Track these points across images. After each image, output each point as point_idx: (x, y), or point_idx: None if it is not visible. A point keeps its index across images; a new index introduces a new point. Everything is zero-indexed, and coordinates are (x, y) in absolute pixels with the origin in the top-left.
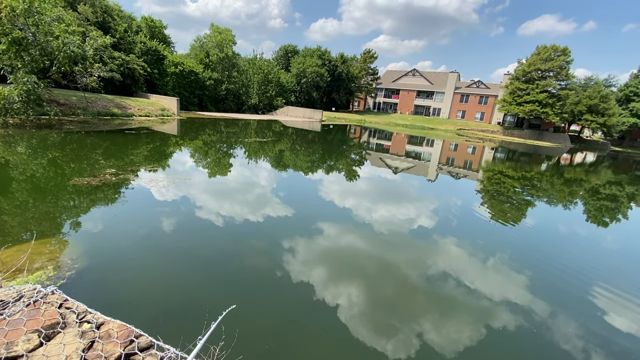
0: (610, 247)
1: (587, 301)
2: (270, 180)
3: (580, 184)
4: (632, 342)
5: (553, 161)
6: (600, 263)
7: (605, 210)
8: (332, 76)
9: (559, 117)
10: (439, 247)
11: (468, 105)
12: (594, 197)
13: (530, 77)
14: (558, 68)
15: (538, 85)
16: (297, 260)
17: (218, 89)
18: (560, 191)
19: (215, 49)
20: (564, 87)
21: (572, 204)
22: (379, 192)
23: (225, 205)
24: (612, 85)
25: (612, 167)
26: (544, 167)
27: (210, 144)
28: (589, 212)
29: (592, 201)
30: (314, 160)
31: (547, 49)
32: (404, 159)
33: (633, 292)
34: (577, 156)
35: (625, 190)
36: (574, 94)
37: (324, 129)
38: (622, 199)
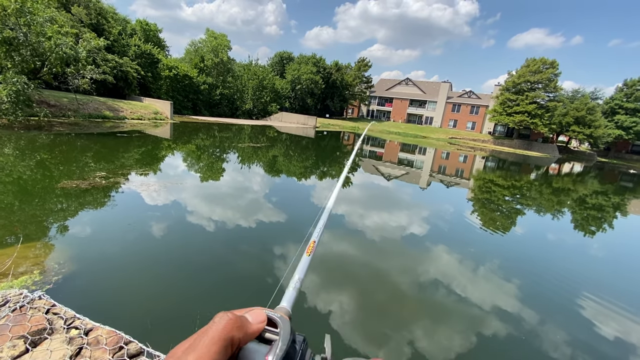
0: (596, 255)
1: (574, 309)
2: (263, 186)
3: (567, 194)
4: (617, 348)
5: (542, 171)
6: (586, 271)
7: (591, 219)
8: (327, 83)
9: (548, 128)
10: (430, 255)
11: (460, 115)
12: (581, 206)
13: (520, 88)
14: (547, 80)
15: (527, 96)
16: (288, 265)
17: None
18: (549, 200)
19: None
20: (552, 99)
21: (560, 213)
22: (371, 199)
23: (217, 210)
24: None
25: (599, 177)
26: (533, 177)
27: (204, 148)
28: (576, 221)
29: (579, 210)
30: (308, 166)
31: (536, 61)
32: (396, 167)
33: (617, 300)
34: (565, 166)
35: (611, 200)
36: (562, 105)
37: (318, 135)
38: (608, 208)
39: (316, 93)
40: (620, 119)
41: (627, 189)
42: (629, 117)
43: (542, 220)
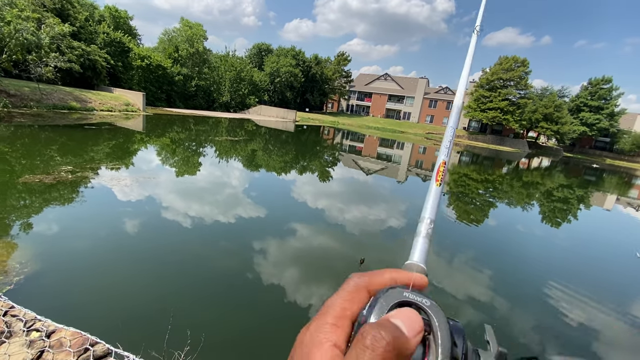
0: (562, 245)
1: (542, 296)
2: (242, 180)
3: (536, 187)
4: (583, 333)
5: (513, 165)
6: (553, 259)
7: (558, 211)
8: (306, 77)
9: (519, 124)
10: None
11: (436, 110)
12: (548, 199)
13: (493, 85)
14: (518, 78)
15: (500, 93)
16: (269, 262)
17: (187, 85)
18: (519, 193)
19: (185, 43)
20: (523, 96)
21: (529, 206)
22: (351, 193)
23: (193, 205)
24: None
25: (564, 171)
26: (504, 171)
27: (179, 141)
28: (544, 213)
29: (546, 203)
30: (288, 160)
31: (509, 59)
32: (375, 161)
33: (581, 286)
34: (534, 161)
35: (576, 193)
36: (532, 102)
37: (298, 129)
38: (573, 201)
39: (296, 86)
40: (584, 116)
41: (590, 182)
42: (593, 115)
43: (513, 212)
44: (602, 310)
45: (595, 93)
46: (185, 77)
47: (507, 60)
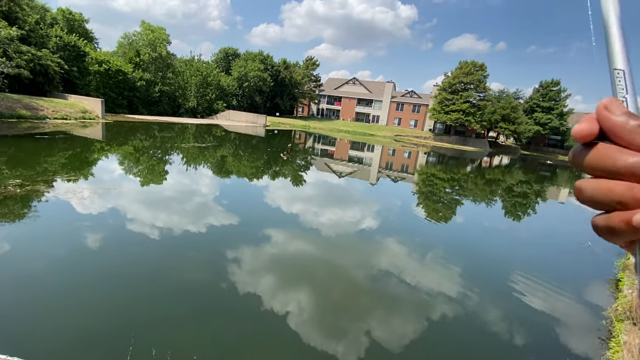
0: (523, 238)
1: (508, 287)
2: (212, 188)
3: (498, 184)
4: (546, 319)
5: (476, 164)
6: (517, 252)
7: (518, 205)
8: (275, 81)
9: (480, 125)
10: (382, 247)
11: (403, 113)
12: (509, 194)
13: (455, 88)
14: (477, 81)
15: (462, 96)
16: (242, 271)
17: (151, 91)
18: (483, 190)
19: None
20: (482, 99)
21: (492, 202)
22: (325, 196)
23: (160, 216)
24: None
25: (522, 168)
26: (469, 169)
27: (142, 149)
28: (506, 208)
29: (508, 198)
30: (259, 166)
31: (468, 64)
32: (347, 164)
33: (543, 276)
34: (495, 159)
35: (533, 188)
36: (491, 104)
37: (269, 134)
38: (531, 195)
39: (265, 91)
40: (537, 116)
41: (546, 177)
42: (545, 115)
43: (478, 209)
44: (562, 296)
45: (546, 95)
46: (148, 83)
47: (466, 64)
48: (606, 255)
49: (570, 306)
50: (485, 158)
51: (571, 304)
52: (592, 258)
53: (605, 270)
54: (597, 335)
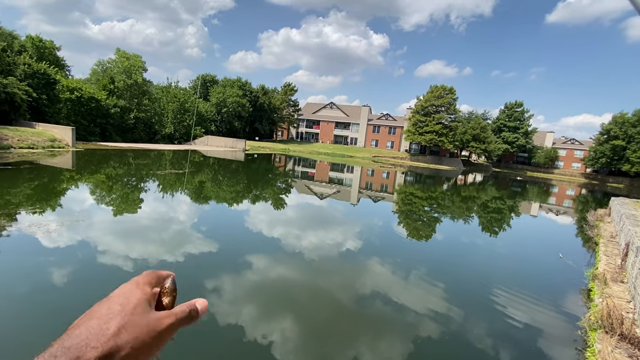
0: (500, 252)
1: (489, 302)
2: (190, 215)
3: (474, 201)
4: (527, 332)
5: (451, 182)
6: (495, 266)
7: (494, 221)
8: (254, 106)
9: (452, 145)
10: (365, 269)
11: (380, 135)
12: (485, 211)
13: (427, 111)
14: (448, 104)
15: (434, 117)
16: (224, 301)
17: (125, 117)
18: (460, 207)
19: (122, 74)
20: (453, 120)
21: (469, 218)
22: (306, 218)
23: (135, 246)
24: (487, 118)
25: (495, 185)
26: (445, 187)
27: (116, 178)
28: (482, 224)
29: (484, 214)
30: (239, 190)
31: (438, 88)
32: (328, 185)
33: (521, 289)
34: (469, 177)
35: (507, 203)
36: (462, 125)
37: (248, 158)
38: (505, 211)
39: (244, 116)
40: (505, 135)
41: (517, 193)
42: (512, 134)
43: (456, 225)
44: (540, 308)
45: (511, 115)
46: (123, 109)
47: (437, 88)
48: (577, 266)
49: (548, 318)
50: (460, 176)
51: (549, 316)
52: (564, 269)
53: (577, 281)
54: (574, 345)
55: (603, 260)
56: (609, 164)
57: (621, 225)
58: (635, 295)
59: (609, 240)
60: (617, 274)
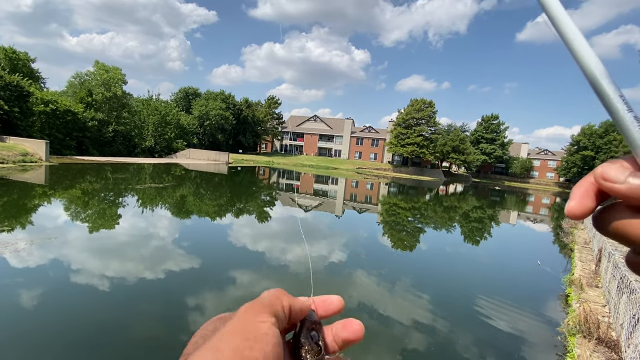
0: (482, 261)
1: (473, 311)
2: (172, 230)
3: (455, 211)
4: (510, 339)
5: (434, 192)
6: (478, 275)
7: (475, 230)
8: (238, 119)
9: (433, 156)
10: (351, 281)
11: (363, 147)
12: (466, 220)
13: (409, 123)
14: (428, 117)
15: (415, 130)
16: (205, 318)
17: (103, 131)
18: (442, 217)
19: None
20: (433, 132)
21: (452, 228)
22: (291, 231)
23: (112, 264)
24: (466, 130)
25: (475, 195)
26: (427, 198)
27: (92, 193)
28: (465, 233)
29: (465, 224)
30: (222, 204)
31: (418, 101)
32: (313, 197)
33: (503, 297)
34: (450, 187)
35: (487, 213)
36: (442, 137)
37: (232, 171)
38: (486, 220)
39: (227, 129)
40: (483, 146)
41: (496, 202)
42: (489, 145)
43: (439, 235)
44: (522, 315)
45: (488, 127)
46: (101, 123)
47: (417, 102)
48: (554, 272)
49: (530, 324)
50: (441, 187)
51: (530, 322)
52: (543, 276)
53: (555, 287)
54: (555, 351)
55: (578, 266)
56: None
57: (593, 232)
58: (609, 300)
59: (583, 247)
60: (592, 279)
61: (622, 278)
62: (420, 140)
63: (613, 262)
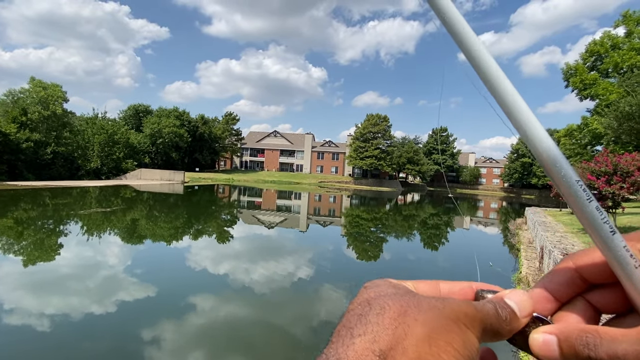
0: (442, 265)
1: None
2: (122, 257)
3: (414, 219)
4: None
5: (393, 202)
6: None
7: (433, 236)
8: (194, 137)
9: (390, 168)
10: (319, 297)
11: (324, 161)
12: (424, 227)
13: (366, 137)
14: (383, 130)
15: (372, 143)
16: (164, 352)
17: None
18: (402, 226)
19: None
20: (389, 145)
21: (412, 235)
22: (255, 250)
23: (52, 300)
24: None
25: (431, 202)
26: (387, 208)
27: (27, 221)
28: (424, 240)
29: (424, 231)
30: (178, 226)
31: (374, 116)
32: (276, 213)
33: None
34: (408, 197)
35: (442, 219)
36: (397, 149)
37: (188, 190)
38: (442, 226)
39: (182, 147)
40: (435, 157)
41: (450, 209)
42: (440, 156)
43: (401, 243)
44: None
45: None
46: (38, 144)
47: (373, 117)
48: (505, 272)
49: None
50: (400, 196)
51: None
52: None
53: (506, 286)
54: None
55: (525, 264)
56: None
57: (536, 232)
58: None
59: (528, 246)
60: (537, 276)
61: None
62: (377, 153)
63: (553, 259)
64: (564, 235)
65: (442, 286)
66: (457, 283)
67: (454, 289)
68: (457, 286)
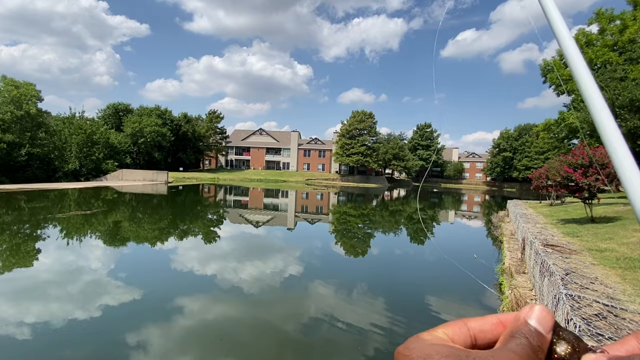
0: (428, 259)
1: (425, 307)
2: (105, 261)
3: (400, 214)
4: None
5: (379, 198)
6: (425, 275)
7: (420, 231)
8: (177, 136)
9: (377, 164)
10: (308, 294)
11: (311, 159)
12: (410, 222)
13: (352, 134)
14: (369, 127)
15: (358, 140)
16: (151, 357)
17: (14, 154)
18: (389, 221)
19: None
20: (375, 141)
21: (398, 230)
22: (243, 249)
23: (31, 307)
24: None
25: (416, 197)
26: (374, 204)
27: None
28: (410, 234)
29: (410, 225)
30: (163, 227)
31: (359, 113)
32: (263, 212)
33: (449, 291)
34: (394, 192)
35: (428, 214)
36: (383, 146)
37: (172, 191)
38: (428, 220)
39: (165, 146)
40: (420, 153)
41: (435, 203)
42: (425, 151)
43: (388, 238)
44: (466, 306)
45: (423, 135)
46: (11, 145)
47: (358, 113)
48: (488, 264)
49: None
50: (386, 192)
51: (474, 312)
52: (479, 268)
53: (490, 277)
54: None
55: (507, 255)
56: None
57: (517, 224)
58: (535, 283)
59: (510, 238)
60: (519, 266)
61: (542, 263)
62: (363, 149)
63: (534, 250)
64: (544, 227)
65: (472, 325)
66: (486, 320)
67: (484, 327)
68: (487, 324)
